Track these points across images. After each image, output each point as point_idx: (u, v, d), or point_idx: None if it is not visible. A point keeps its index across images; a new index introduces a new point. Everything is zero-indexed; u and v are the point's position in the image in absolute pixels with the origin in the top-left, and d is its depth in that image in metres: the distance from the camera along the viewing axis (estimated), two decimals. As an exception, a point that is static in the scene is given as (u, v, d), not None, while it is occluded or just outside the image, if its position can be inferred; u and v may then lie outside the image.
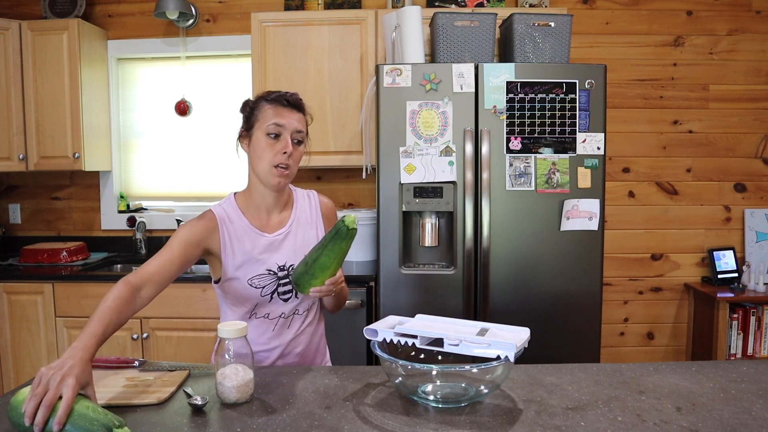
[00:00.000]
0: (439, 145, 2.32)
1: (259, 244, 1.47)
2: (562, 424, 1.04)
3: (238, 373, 1.14)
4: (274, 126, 1.42)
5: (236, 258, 1.45)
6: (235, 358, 1.15)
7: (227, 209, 1.49)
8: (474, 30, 2.46)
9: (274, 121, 1.42)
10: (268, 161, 1.42)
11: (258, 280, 1.46)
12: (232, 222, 1.47)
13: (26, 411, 0.93)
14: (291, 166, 1.44)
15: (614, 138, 3.16)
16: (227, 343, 1.14)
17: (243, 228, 1.47)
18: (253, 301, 1.47)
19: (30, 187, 3.41)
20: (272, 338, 1.50)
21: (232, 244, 1.46)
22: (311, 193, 1.61)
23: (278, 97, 1.44)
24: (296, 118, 1.44)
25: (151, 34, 3.28)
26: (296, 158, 1.46)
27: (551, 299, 2.35)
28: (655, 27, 3.15)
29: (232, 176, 3.34)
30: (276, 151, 1.42)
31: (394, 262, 2.36)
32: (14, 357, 2.78)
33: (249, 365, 1.16)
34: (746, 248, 3.18)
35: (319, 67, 2.84)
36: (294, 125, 1.43)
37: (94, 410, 0.96)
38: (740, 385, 1.23)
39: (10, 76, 2.97)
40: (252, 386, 1.17)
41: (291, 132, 1.43)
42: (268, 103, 1.44)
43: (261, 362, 1.51)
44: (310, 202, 1.58)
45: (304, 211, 1.55)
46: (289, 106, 1.43)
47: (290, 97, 1.44)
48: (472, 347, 1.10)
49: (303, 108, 1.47)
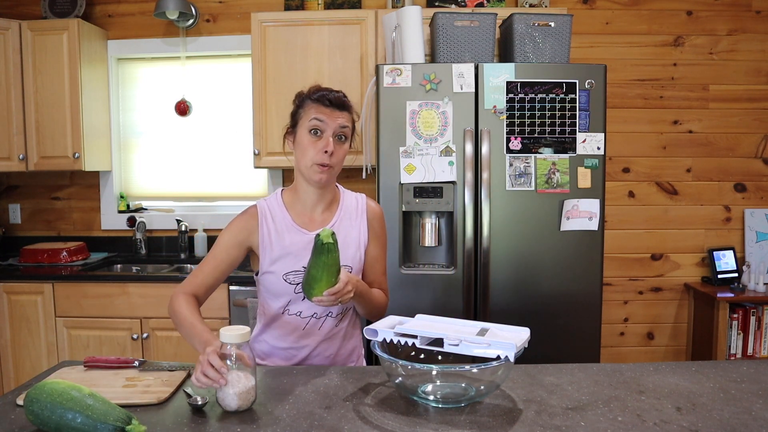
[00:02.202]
0: (439, 145, 2.32)
1: (298, 240, 1.47)
2: (562, 424, 1.04)
3: (240, 380, 1.10)
4: (316, 122, 1.41)
5: (274, 252, 1.47)
6: (237, 363, 1.11)
7: (271, 204, 1.52)
8: (474, 30, 2.46)
9: (316, 118, 1.41)
10: (311, 158, 1.42)
11: (293, 276, 1.46)
12: (275, 217, 1.50)
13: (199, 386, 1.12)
14: (334, 165, 1.43)
15: (614, 138, 3.16)
16: (229, 348, 1.11)
17: (285, 223, 1.49)
18: (287, 297, 1.48)
19: (30, 187, 3.41)
20: (302, 337, 1.49)
21: (271, 238, 1.47)
22: (360, 196, 1.59)
23: (320, 96, 1.42)
24: (339, 116, 1.42)
25: (151, 34, 3.28)
26: (340, 156, 1.44)
27: (551, 299, 2.35)
28: (655, 27, 3.15)
29: (233, 176, 3.35)
30: (318, 149, 1.41)
31: (394, 262, 2.36)
32: (14, 357, 2.78)
33: (251, 372, 1.13)
34: (746, 248, 3.18)
35: (319, 67, 2.84)
36: (336, 123, 1.42)
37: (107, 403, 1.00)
38: (740, 385, 1.23)
39: (10, 76, 2.97)
40: (254, 393, 1.13)
41: (333, 130, 1.42)
42: (312, 102, 1.43)
43: (288, 360, 1.51)
44: (357, 204, 1.56)
45: (349, 213, 1.53)
46: (331, 106, 1.42)
47: (332, 97, 1.42)
48: (472, 347, 1.10)
49: (347, 106, 1.45)
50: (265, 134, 2.88)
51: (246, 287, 2.66)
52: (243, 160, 3.30)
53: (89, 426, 0.96)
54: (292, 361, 1.51)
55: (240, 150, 3.32)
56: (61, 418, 0.97)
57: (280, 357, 1.52)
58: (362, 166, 2.78)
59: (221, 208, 3.37)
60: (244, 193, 3.33)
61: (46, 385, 1.01)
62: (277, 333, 1.51)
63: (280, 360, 1.52)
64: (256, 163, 2.92)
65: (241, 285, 2.67)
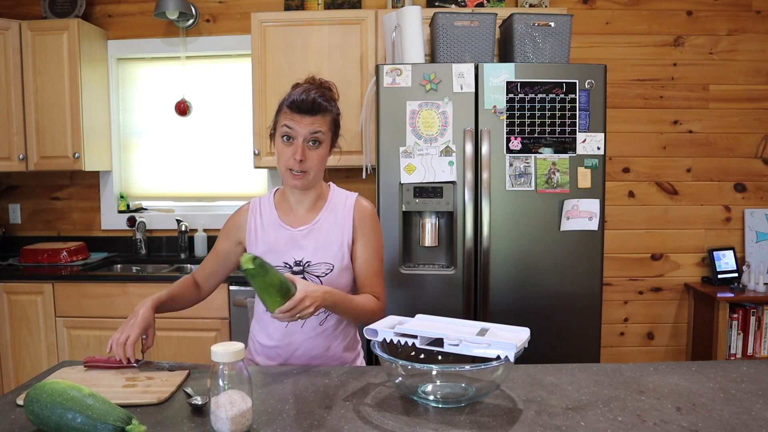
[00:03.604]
0: (439, 145, 2.32)
1: (281, 236, 1.50)
2: (562, 424, 1.04)
3: (234, 403, 1.00)
4: (286, 128, 1.42)
5: (259, 248, 1.50)
6: (231, 384, 1.01)
7: (263, 201, 1.57)
8: (474, 30, 2.46)
9: (286, 125, 1.42)
10: (284, 164, 1.44)
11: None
12: (263, 213, 1.54)
13: (110, 352, 1.32)
14: (308, 170, 1.43)
15: (614, 138, 3.16)
16: (221, 368, 1.00)
17: (271, 220, 1.53)
18: None
19: (30, 187, 3.41)
20: (285, 335, 1.49)
21: (257, 233, 1.52)
22: (352, 195, 1.57)
23: (291, 102, 1.42)
24: (309, 122, 1.41)
25: (151, 34, 3.28)
26: (314, 161, 1.44)
27: (551, 299, 2.35)
28: (655, 27, 3.15)
29: (233, 176, 3.34)
30: (289, 155, 1.42)
31: (394, 262, 2.36)
32: (14, 357, 2.78)
33: (247, 392, 1.02)
34: (746, 248, 3.18)
35: (319, 67, 2.84)
36: (306, 130, 1.41)
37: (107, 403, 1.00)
38: (740, 385, 1.23)
39: (10, 76, 2.97)
40: (250, 417, 1.03)
41: (304, 137, 1.41)
42: (286, 107, 1.43)
43: (274, 359, 1.52)
44: (346, 203, 1.54)
45: (335, 211, 1.52)
46: (300, 112, 1.41)
47: (302, 103, 1.40)
48: (472, 347, 1.10)
49: (321, 109, 1.42)
50: (265, 134, 2.87)
51: (246, 287, 2.66)
52: (243, 160, 3.30)
53: (89, 426, 0.96)
54: (278, 360, 1.52)
55: (240, 150, 3.32)
56: (61, 418, 0.97)
57: (268, 356, 1.53)
58: (362, 166, 2.78)
59: (221, 208, 3.37)
60: (244, 193, 3.33)
61: (46, 385, 1.01)
62: (264, 332, 1.53)
63: (268, 359, 1.53)
64: (256, 163, 2.92)
65: (241, 285, 2.67)
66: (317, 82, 1.48)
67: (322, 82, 1.49)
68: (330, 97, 1.48)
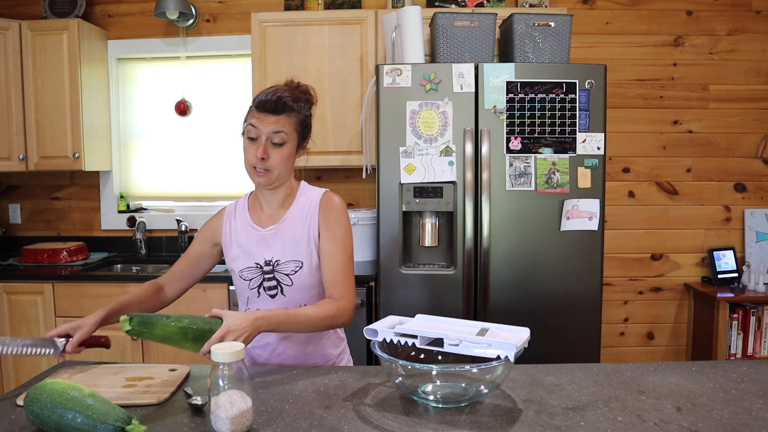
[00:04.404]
0: (439, 145, 2.32)
1: (252, 237, 1.52)
2: (562, 424, 1.04)
3: (234, 403, 1.00)
4: (250, 127, 1.44)
5: (232, 249, 1.53)
6: (231, 384, 1.01)
7: (238, 204, 1.60)
8: (474, 30, 2.46)
9: (250, 123, 1.44)
10: (248, 162, 1.46)
11: (247, 273, 1.50)
12: (236, 216, 1.57)
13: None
14: (272, 168, 1.44)
15: (614, 138, 3.16)
16: (221, 368, 1.01)
17: (243, 222, 1.55)
18: (245, 294, 1.52)
19: (30, 187, 3.41)
20: (262, 336, 1.48)
21: (231, 236, 1.55)
22: (320, 191, 1.55)
23: (259, 101, 1.42)
24: (272, 121, 1.41)
25: (151, 34, 3.28)
26: (277, 160, 1.43)
27: (551, 299, 2.35)
28: (655, 27, 3.15)
29: (233, 176, 3.34)
30: (252, 153, 1.44)
31: (394, 262, 2.36)
32: (14, 357, 2.78)
33: (247, 392, 1.02)
34: (746, 248, 3.18)
35: (319, 67, 2.84)
36: (269, 129, 1.41)
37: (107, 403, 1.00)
38: (740, 385, 1.23)
39: (10, 76, 2.97)
40: (250, 417, 1.03)
41: (266, 135, 1.42)
42: (253, 106, 1.45)
43: (253, 360, 1.53)
44: (312, 199, 1.52)
45: (301, 210, 1.51)
46: (265, 111, 1.41)
47: (267, 103, 1.40)
48: (472, 347, 1.10)
49: (286, 109, 1.42)
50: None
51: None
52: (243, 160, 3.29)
53: (89, 426, 0.96)
54: (257, 361, 1.53)
55: (240, 150, 3.30)
56: (61, 418, 0.97)
57: (248, 358, 1.52)
58: (362, 166, 2.78)
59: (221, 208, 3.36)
60: (243, 193, 3.31)
61: (46, 385, 1.01)
62: None
63: (248, 361, 1.53)
64: (256, 163, 2.91)
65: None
66: (293, 85, 1.48)
67: (298, 84, 1.49)
68: (300, 98, 1.46)
